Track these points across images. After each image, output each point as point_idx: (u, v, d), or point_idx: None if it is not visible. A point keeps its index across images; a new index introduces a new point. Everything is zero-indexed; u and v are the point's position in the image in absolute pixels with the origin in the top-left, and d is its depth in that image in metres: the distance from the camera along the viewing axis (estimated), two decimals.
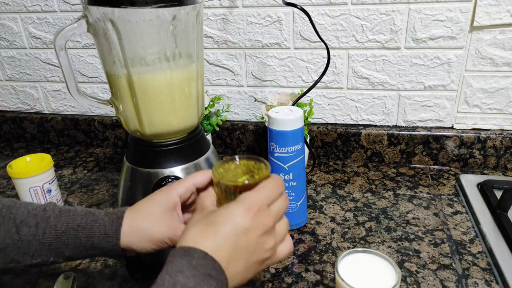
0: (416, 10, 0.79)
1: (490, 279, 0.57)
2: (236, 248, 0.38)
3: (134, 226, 0.46)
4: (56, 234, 0.46)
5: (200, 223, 0.39)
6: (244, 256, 0.39)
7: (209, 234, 0.38)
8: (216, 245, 0.37)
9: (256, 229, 0.39)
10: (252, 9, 0.87)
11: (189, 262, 0.35)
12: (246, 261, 0.39)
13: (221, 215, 0.39)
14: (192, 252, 0.36)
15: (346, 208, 0.75)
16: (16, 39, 1.04)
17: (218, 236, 0.37)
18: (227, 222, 0.38)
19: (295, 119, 0.63)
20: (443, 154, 0.87)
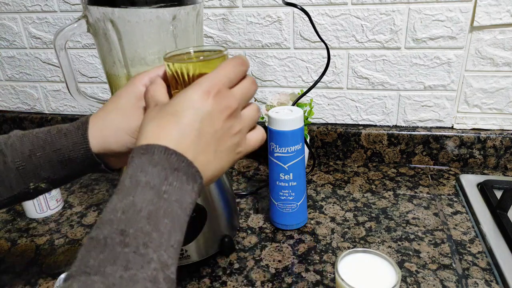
0: (416, 10, 0.79)
1: (490, 279, 0.57)
2: (201, 136, 0.35)
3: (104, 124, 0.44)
4: (24, 156, 0.43)
5: (156, 117, 0.36)
6: (212, 144, 0.36)
7: (169, 127, 0.35)
8: (178, 137, 0.34)
9: (219, 113, 0.36)
10: (252, 9, 0.87)
11: (149, 159, 0.33)
12: (215, 149, 0.37)
13: (178, 103, 0.36)
14: (151, 149, 0.33)
15: (346, 208, 0.75)
16: (16, 39, 1.04)
17: (179, 126, 0.35)
18: (187, 109, 0.35)
19: (295, 119, 0.63)
20: (443, 154, 0.87)
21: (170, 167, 0.33)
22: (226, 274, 0.61)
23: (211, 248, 0.63)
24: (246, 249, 0.65)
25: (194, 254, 0.62)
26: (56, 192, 0.78)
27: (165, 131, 0.34)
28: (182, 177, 0.33)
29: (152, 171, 0.32)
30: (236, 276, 0.60)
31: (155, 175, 0.32)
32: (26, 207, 0.77)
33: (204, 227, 0.61)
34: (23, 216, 0.78)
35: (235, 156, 0.40)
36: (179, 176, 0.33)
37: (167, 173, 0.33)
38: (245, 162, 0.96)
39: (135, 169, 0.33)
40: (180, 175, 0.33)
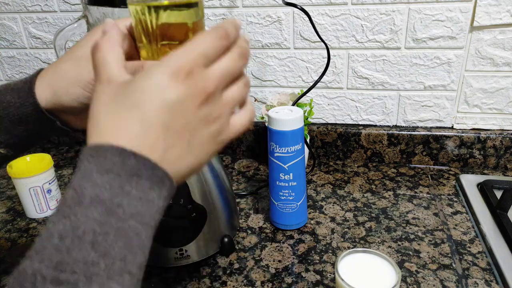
0: (416, 10, 0.79)
1: (490, 279, 0.57)
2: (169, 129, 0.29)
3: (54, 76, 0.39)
4: None
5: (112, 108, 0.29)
6: (185, 136, 0.30)
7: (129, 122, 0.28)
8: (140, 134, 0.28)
9: (191, 99, 0.29)
10: (252, 9, 0.87)
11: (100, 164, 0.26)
12: (188, 142, 0.30)
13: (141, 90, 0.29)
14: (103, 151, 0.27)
15: (346, 208, 0.75)
16: (16, 39, 1.04)
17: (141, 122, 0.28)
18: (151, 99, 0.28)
19: (295, 119, 0.63)
20: (443, 154, 0.87)
21: (127, 173, 0.27)
22: (226, 274, 0.61)
23: (211, 248, 0.63)
24: (246, 249, 0.65)
25: (194, 254, 0.62)
26: (56, 192, 0.78)
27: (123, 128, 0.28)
28: (144, 183, 0.27)
29: (102, 180, 0.26)
30: (236, 276, 0.60)
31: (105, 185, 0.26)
32: (26, 207, 0.77)
33: (204, 227, 0.61)
34: (23, 216, 0.78)
35: (216, 146, 0.33)
36: (139, 183, 0.27)
37: (121, 181, 0.26)
38: (245, 162, 0.96)
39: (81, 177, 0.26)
40: (142, 182, 0.27)
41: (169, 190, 0.29)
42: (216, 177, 0.63)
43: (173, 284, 0.59)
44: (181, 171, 0.31)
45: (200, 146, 0.31)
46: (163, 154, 0.29)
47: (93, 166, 0.26)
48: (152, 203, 0.28)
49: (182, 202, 0.59)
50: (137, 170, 0.27)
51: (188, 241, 0.61)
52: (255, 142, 0.97)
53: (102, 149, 0.27)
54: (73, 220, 0.25)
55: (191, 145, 0.31)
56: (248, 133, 0.96)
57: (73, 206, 0.25)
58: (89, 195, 0.26)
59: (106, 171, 0.26)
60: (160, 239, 0.60)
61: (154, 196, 0.28)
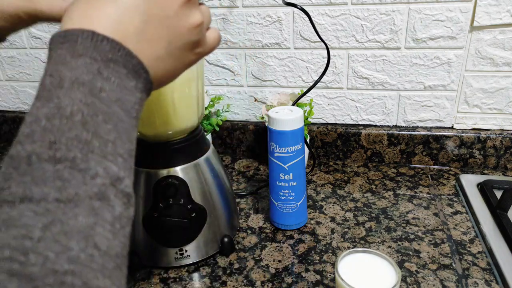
0: (416, 10, 0.79)
1: (490, 279, 0.57)
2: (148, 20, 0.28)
3: None
4: None
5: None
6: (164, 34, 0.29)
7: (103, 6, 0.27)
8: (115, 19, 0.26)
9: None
10: (252, 9, 0.87)
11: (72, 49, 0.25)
12: (168, 41, 0.29)
13: None
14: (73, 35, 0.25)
15: (346, 208, 0.75)
16: (16, 39, 1.04)
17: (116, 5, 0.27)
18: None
19: (295, 119, 0.63)
20: (443, 154, 0.87)
21: (102, 58, 0.25)
22: (226, 274, 0.61)
23: (211, 248, 0.63)
24: (246, 249, 0.65)
25: (194, 254, 0.62)
26: None
27: (97, 12, 0.26)
28: (121, 70, 0.26)
29: (77, 63, 0.25)
30: (236, 276, 0.60)
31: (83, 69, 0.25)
32: None
33: (204, 227, 0.61)
34: None
35: (192, 57, 0.33)
36: (115, 69, 0.26)
37: (99, 66, 0.25)
38: (245, 162, 0.96)
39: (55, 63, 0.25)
40: (118, 68, 0.26)
41: (144, 82, 0.28)
42: (216, 177, 0.63)
43: (173, 284, 0.59)
44: (157, 72, 0.30)
45: (180, 51, 0.31)
46: (139, 47, 0.27)
47: (65, 52, 0.25)
48: (131, 92, 0.27)
49: (182, 202, 0.59)
50: (112, 56, 0.26)
51: (188, 241, 0.61)
52: (255, 142, 0.97)
53: (72, 34, 0.25)
54: (56, 103, 0.24)
55: (171, 47, 0.30)
56: (248, 133, 0.96)
57: (53, 90, 0.24)
58: (69, 78, 0.24)
59: (79, 55, 0.25)
60: (160, 239, 0.60)
61: (131, 85, 0.27)
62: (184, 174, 0.59)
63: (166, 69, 0.30)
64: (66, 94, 0.24)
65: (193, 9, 0.31)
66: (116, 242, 0.24)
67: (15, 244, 0.20)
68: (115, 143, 0.25)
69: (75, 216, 0.22)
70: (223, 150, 1.00)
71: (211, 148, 0.65)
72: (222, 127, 0.96)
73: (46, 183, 0.22)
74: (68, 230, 0.21)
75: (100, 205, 0.23)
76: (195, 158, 0.61)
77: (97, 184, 0.23)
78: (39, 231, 0.21)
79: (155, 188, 0.58)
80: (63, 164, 0.23)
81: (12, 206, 0.22)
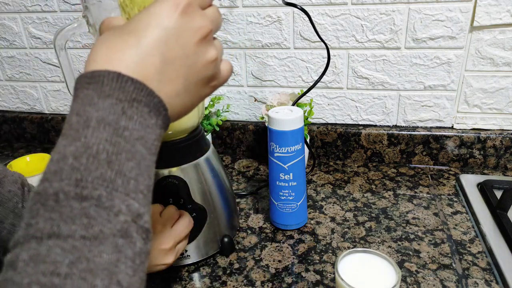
0: (416, 10, 0.79)
1: (490, 279, 0.57)
2: (167, 60, 0.29)
3: None
4: None
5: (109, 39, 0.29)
6: (182, 71, 0.30)
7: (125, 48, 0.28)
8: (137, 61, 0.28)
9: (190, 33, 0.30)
10: (252, 9, 0.87)
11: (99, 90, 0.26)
12: (186, 78, 0.31)
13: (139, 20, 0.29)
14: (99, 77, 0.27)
15: (346, 208, 0.75)
16: (16, 39, 1.04)
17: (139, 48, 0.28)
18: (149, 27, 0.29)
19: (295, 119, 0.63)
20: (443, 154, 0.87)
21: (127, 98, 0.26)
22: (226, 274, 0.61)
23: (211, 248, 0.63)
24: (246, 249, 0.65)
25: (194, 254, 0.62)
26: None
27: (120, 54, 0.27)
28: (143, 109, 0.27)
29: (104, 104, 0.26)
30: (236, 276, 0.60)
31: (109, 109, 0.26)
32: None
33: (204, 227, 0.61)
34: None
35: (208, 90, 0.34)
36: (139, 109, 0.27)
37: (124, 106, 0.26)
38: (245, 162, 0.96)
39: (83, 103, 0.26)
40: (141, 107, 0.27)
41: (163, 119, 0.30)
42: (216, 177, 0.63)
43: (173, 284, 0.59)
44: (174, 109, 0.31)
45: (196, 87, 0.32)
46: (160, 86, 0.29)
47: (92, 92, 0.26)
48: (152, 130, 0.28)
49: (182, 202, 0.59)
50: (136, 95, 0.27)
51: (188, 241, 0.61)
52: (255, 142, 0.97)
53: (98, 75, 0.27)
54: (83, 142, 0.25)
55: (188, 83, 0.31)
56: (248, 133, 0.96)
57: (81, 129, 0.25)
58: (95, 118, 0.25)
59: (106, 96, 0.26)
60: None
61: (152, 123, 0.28)
62: (184, 174, 0.59)
63: (183, 104, 0.32)
64: (93, 134, 0.25)
65: (209, 46, 0.32)
66: (136, 278, 0.25)
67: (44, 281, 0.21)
68: (137, 180, 0.26)
69: (100, 254, 0.23)
70: (223, 150, 1.00)
71: (211, 148, 0.65)
72: (222, 127, 0.96)
73: (73, 220, 0.23)
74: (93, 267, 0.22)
75: (123, 242, 0.24)
76: (195, 158, 0.61)
77: (120, 221, 0.24)
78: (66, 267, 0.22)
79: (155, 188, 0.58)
80: (89, 202, 0.24)
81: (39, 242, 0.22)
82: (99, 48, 0.29)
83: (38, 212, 0.23)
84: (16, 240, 0.23)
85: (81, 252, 0.22)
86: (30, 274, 0.21)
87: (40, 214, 0.23)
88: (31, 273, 0.21)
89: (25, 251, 0.22)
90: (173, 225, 0.54)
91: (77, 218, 0.23)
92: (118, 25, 0.32)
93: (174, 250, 0.53)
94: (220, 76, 0.35)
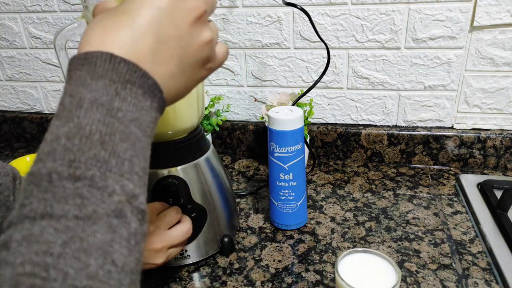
0: (416, 10, 0.79)
1: (490, 279, 0.57)
2: (161, 40, 0.29)
3: None
4: None
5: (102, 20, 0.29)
6: (177, 52, 0.30)
7: (118, 29, 0.28)
8: (130, 42, 0.27)
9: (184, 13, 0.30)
10: (252, 9, 0.87)
11: (92, 71, 0.26)
12: (180, 60, 0.31)
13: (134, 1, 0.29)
14: (92, 58, 0.26)
15: (346, 208, 0.75)
16: (16, 39, 1.04)
17: (132, 28, 0.28)
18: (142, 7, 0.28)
19: (295, 119, 0.63)
20: (443, 154, 0.87)
21: (120, 79, 0.26)
22: (226, 274, 0.61)
23: (211, 248, 0.63)
24: (246, 249, 0.65)
25: (194, 254, 0.62)
26: None
27: (113, 35, 0.27)
28: (137, 90, 0.27)
29: (97, 85, 0.26)
30: (236, 276, 0.60)
31: (102, 90, 0.26)
32: None
33: (204, 227, 0.61)
34: None
35: (203, 73, 0.34)
36: (133, 90, 0.27)
37: (117, 87, 0.26)
38: (245, 162, 0.96)
39: (76, 84, 0.26)
40: (135, 89, 0.27)
41: (159, 102, 0.29)
42: (216, 177, 0.63)
43: (173, 284, 0.59)
44: (171, 90, 0.31)
45: (191, 68, 0.32)
46: (154, 67, 0.29)
47: (85, 74, 0.26)
48: (146, 112, 0.28)
49: (182, 202, 0.59)
50: (129, 77, 0.27)
51: (188, 241, 0.61)
52: (255, 142, 0.97)
53: (91, 56, 0.27)
54: (76, 122, 0.25)
55: (182, 64, 0.31)
56: (248, 133, 0.96)
57: (73, 110, 0.25)
58: (88, 98, 0.25)
59: (99, 77, 0.26)
60: None
61: (147, 105, 0.28)
62: (184, 174, 0.59)
63: (178, 86, 0.32)
64: (86, 114, 0.25)
65: (203, 27, 0.32)
66: (132, 258, 0.25)
67: (37, 260, 0.21)
68: (131, 161, 0.26)
69: (94, 233, 0.23)
70: (223, 150, 1.00)
71: (211, 148, 0.65)
72: (222, 127, 0.96)
73: (66, 200, 0.23)
74: (87, 247, 0.22)
75: (117, 222, 0.24)
76: (195, 158, 0.61)
77: (114, 201, 0.24)
78: (59, 247, 0.22)
79: (155, 188, 0.58)
80: (82, 182, 0.24)
81: (33, 223, 0.22)
82: (92, 29, 0.28)
83: (31, 192, 0.23)
84: (9, 221, 0.23)
85: (74, 232, 0.22)
86: (23, 254, 0.21)
87: (33, 195, 0.23)
88: (24, 253, 0.21)
89: (18, 231, 0.22)
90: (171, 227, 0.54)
91: (70, 198, 0.23)
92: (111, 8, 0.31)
93: (166, 252, 0.51)
94: (216, 58, 0.34)
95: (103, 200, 0.24)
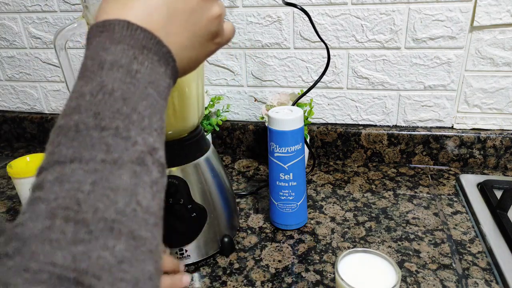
0: (416, 10, 0.79)
1: (490, 279, 0.57)
2: (173, 14, 0.31)
3: None
4: None
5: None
6: (188, 26, 0.32)
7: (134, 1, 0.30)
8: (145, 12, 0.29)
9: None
10: (252, 9, 0.87)
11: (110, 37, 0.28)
12: (191, 33, 0.33)
13: None
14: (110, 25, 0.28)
15: (346, 208, 0.75)
16: (16, 39, 1.04)
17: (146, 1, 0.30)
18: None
19: (295, 119, 0.63)
20: (443, 154, 0.87)
21: (137, 45, 0.28)
22: (226, 274, 0.61)
23: (211, 248, 0.63)
24: (246, 249, 0.65)
25: (194, 254, 0.62)
26: None
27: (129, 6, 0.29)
28: (153, 57, 0.29)
29: (116, 49, 0.28)
30: (236, 276, 0.60)
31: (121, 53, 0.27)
32: None
33: (204, 227, 0.61)
34: None
35: (212, 47, 0.36)
36: (149, 56, 0.29)
37: (135, 51, 0.28)
38: (245, 162, 0.96)
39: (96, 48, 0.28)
40: (151, 55, 0.29)
41: (172, 70, 0.31)
42: (216, 177, 0.63)
43: None
44: (182, 61, 0.33)
45: (201, 41, 0.34)
46: (166, 36, 0.30)
47: (104, 39, 0.28)
48: (161, 77, 0.30)
49: (182, 202, 0.59)
50: (145, 43, 0.29)
51: (188, 241, 0.61)
52: (255, 142, 0.97)
53: (109, 24, 0.28)
54: (99, 81, 0.26)
55: (193, 37, 0.33)
56: (248, 133, 0.96)
57: (95, 71, 0.27)
58: (108, 61, 0.27)
59: (118, 42, 0.28)
60: None
61: (161, 71, 0.30)
62: (184, 174, 0.59)
63: (189, 58, 0.34)
64: (107, 74, 0.27)
65: (213, 2, 0.34)
66: (154, 202, 0.26)
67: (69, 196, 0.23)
68: (150, 118, 0.28)
69: (120, 176, 0.25)
70: (223, 150, 1.00)
71: (211, 148, 0.65)
72: (222, 127, 0.96)
73: (93, 147, 0.25)
74: (114, 187, 0.24)
75: (140, 169, 0.26)
76: (195, 158, 0.61)
77: (137, 150, 0.26)
78: (89, 185, 0.24)
79: None
80: (107, 131, 0.25)
81: (63, 166, 0.24)
82: (108, 1, 0.30)
83: (60, 142, 0.25)
84: (40, 167, 0.25)
85: (102, 174, 0.24)
86: (56, 192, 0.23)
87: (62, 143, 0.25)
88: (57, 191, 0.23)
89: (50, 173, 0.24)
90: None
91: (97, 145, 0.25)
92: None
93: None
94: (224, 34, 0.37)
95: (127, 148, 0.25)
